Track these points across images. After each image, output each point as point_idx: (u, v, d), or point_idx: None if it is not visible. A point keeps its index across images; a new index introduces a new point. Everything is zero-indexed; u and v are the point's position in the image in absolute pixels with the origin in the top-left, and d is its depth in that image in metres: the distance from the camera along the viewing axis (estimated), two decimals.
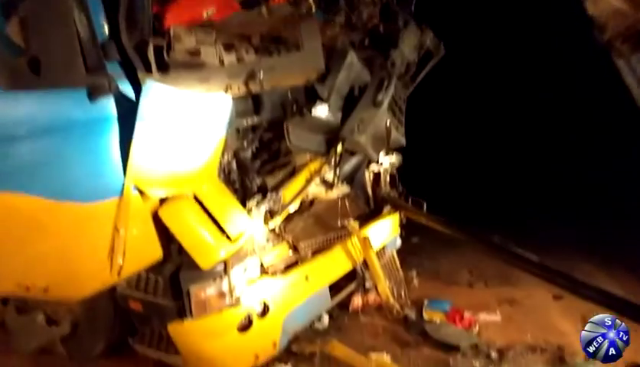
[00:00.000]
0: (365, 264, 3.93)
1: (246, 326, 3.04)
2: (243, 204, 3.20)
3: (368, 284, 4.00)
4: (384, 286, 3.94)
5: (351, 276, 3.93)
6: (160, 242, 2.82)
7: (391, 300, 3.96)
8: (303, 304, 3.41)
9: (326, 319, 3.88)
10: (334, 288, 3.78)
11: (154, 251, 2.80)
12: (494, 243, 3.22)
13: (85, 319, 3.29)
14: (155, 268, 2.92)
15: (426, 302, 4.11)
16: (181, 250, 2.86)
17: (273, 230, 3.46)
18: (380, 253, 4.16)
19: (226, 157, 3.12)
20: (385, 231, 4.31)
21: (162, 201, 2.80)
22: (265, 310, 3.16)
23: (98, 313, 3.24)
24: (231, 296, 2.97)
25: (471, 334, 3.66)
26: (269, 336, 3.20)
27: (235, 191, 3.23)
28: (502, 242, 3.27)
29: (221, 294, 2.93)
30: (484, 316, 3.90)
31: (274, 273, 3.31)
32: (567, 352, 3.28)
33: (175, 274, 2.91)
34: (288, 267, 3.41)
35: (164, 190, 2.74)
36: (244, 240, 3.05)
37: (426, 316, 3.92)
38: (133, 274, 2.82)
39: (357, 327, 3.88)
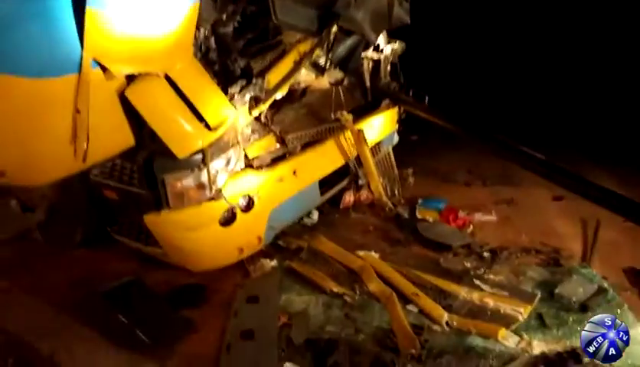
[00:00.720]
0: (358, 160, 3.72)
1: (229, 219, 2.89)
2: (225, 90, 2.89)
3: (361, 181, 3.83)
4: (377, 183, 3.76)
5: (343, 172, 3.74)
6: (131, 127, 2.55)
7: (384, 197, 3.80)
8: (290, 200, 3.24)
9: (316, 215, 3.75)
10: (325, 184, 3.61)
11: (124, 137, 2.54)
12: (499, 140, 2.96)
13: (60, 207, 3.14)
14: (129, 155, 2.69)
15: (419, 200, 3.95)
16: (154, 136, 2.60)
17: (259, 120, 3.18)
18: (375, 149, 3.93)
19: (202, 31, 2.74)
20: (382, 126, 4.04)
21: (130, 80, 2.48)
22: (249, 205, 2.99)
23: (73, 201, 3.08)
24: (211, 188, 2.77)
25: (465, 234, 3.54)
26: (254, 230, 3.07)
27: (215, 74, 2.90)
28: (507, 140, 3.02)
29: (200, 186, 2.73)
30: (479, 216, 3.76)
31: (259, 167, 3.09)
32: (563, 255, 3.16)
33: (150, 162, 2.68)
34: (275, 160, 3.19)
35: (128, 67, 2.40)
36: (225, 129, 2.78)
37: (419, 214, 3.78)
38: (102, 161, 2.59)
39: (347, 224, 3.75)
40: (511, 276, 2.99)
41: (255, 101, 3.07)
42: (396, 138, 4.28)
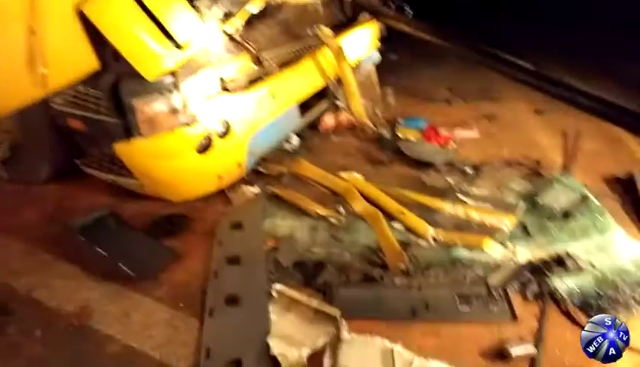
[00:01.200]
0: (338, 80, 3.57)
1: (205, 146, 2.75)
2: (191, 4, 2.65)
3: (340, 103, 3.70)
4: (358, 104, 3.64)
5: (322, 94, 3.60)
6: (94, 49, 2.34)
7: (365, 119, 3.70)
8: (270, 124, 3.11)
9: (296, 140, 3.63)
10: (304, 107, 3.48)
11: (86, 60, 2.33)
12: (483, 50, 2.84)
13: (24, 142, 2.94)
14: (92, 80, 2.48)
15: (400, 120, 3.87)
16: (118, 57, 2.39)
17: (233, 38, 2.96)
18: (356, 68, 3.77)
19: None
20: (362, 43, 3.85)
21: None
22: (227, 131, 2.85)
23: (35, 134, 2.87)
24: (185, 113, 2.61)
25: (447, 151, 3.51)
26: (233, 157, 2.95)
27: None
28: (490, 49, 2.91)
29: (173, 111, 2.56)
30: (460, 133, 3.72)
31: (235, 89, 2.91)
32: (545, 166, 3.17)
33: (117, 87, 2.49)
34: (252, 82, 3.02)
35: None
36: (196, 48, 2.58)
37: (400, 134, 3.71)
38: (65, 86, 2.39)
39: (328, 148, 3.66)
40: (494, 189, 2.99)
41: (226, 16, 2.85)
42: (376, 56, 4.11)
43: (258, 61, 3.04)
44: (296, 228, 2.71)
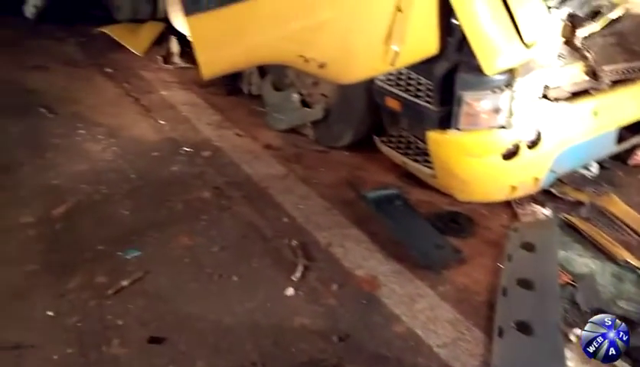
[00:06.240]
0: None
1: (512, 152, 2.60)
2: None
3: None
4: None
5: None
6: (439, 34, 2.36)
7: None
8: (582, 144, 2.78)
9: (595, 167, 3.18)
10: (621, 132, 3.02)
11: (431, 44, 2.37)
12: None
13: (337, 108, 3.21)
14: (423, 66, 2.52)
15: None
16: (461, 47, 2.37)
17: (571, 43, 2.69)
18: None
19: None
20: None
21: None
22: (537, 141, 2.64)
23: (351, 104, 3.10)
24: (505, 115, 2.48)
25: None
26: (534, 170, 2.73)
27: None
28: None
29: (496, 110, 2.45)
30: None
31: (557, 98, 2.66)
32: None
33: (446, 76, 2.48)
34: (576, 95, 2.72)
35: None
36: (540, 49, 2.40)
37: None
38: (406, 65, 2.47)
39: (635, 185, 3.13)
40: None
41: (573, 19, 2.59)
42: None
43: (593, 74, 2.71)
44: (597, 271, 2.37)
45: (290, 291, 2.17)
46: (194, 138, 3.46)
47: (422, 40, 2.34)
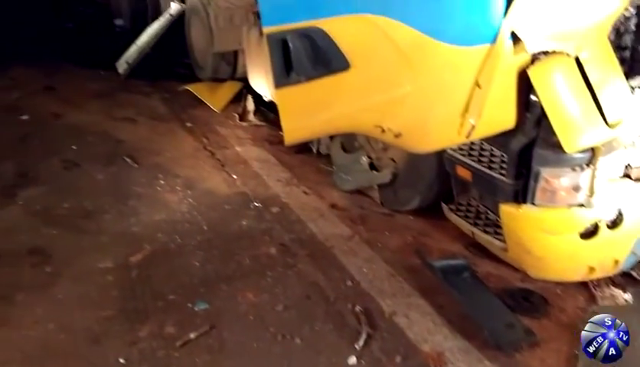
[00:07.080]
0: None
1: (591, 232, 2.48)
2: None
3: None
4: None
5: None
6: (517, 110, 2.36)
7: None
8: None
9: None
10: None
11: (508, 118, 2.36)
12: None
13: (406, 173, 3.23)
14: (498, 138, 2.51)
15: None
16: (539, 123, 2.35)
17: None
18: None
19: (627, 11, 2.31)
20: None
21: (534, 60, 2.25)
22: (617, 221, 2.51)
23: (420, 171, 3.11)
24: (585, 193, 2.39)
25: None
26: (614, 251, 2.57)
27: (622, 61, 2.44)
28: None
29: (575, 188, 2.38)
30: None
31: (639, 178, 2.55)
32: None
33: (523, 150, 2.45)
34: None
35: (544, 43, 2.17)
36: (623, 129, 2.33)
37: None
38: (481, 138, 2.48)
39: None
40: None
41: None
42: None
43: None
44: None
45: (353, 360, 2.14)
46: (263, 194, 3.59)
47: (499, 115, 2.34)
